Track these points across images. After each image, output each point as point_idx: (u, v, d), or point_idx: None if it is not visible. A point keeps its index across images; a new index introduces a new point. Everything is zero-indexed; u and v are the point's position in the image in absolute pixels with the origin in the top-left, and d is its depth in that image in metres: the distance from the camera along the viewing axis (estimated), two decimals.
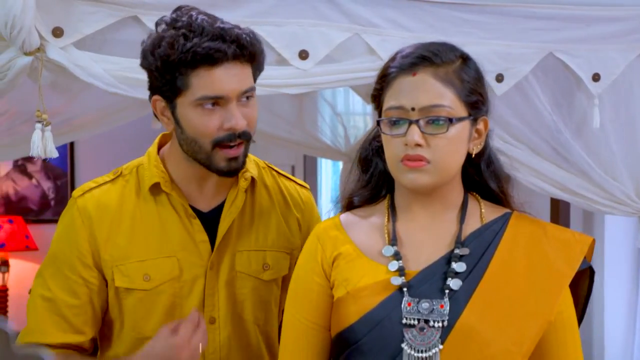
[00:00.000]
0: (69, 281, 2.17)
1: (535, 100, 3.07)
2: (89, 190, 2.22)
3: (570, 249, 1.94)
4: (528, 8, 2.96)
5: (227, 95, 2.06)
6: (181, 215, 2.18)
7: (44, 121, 2.51)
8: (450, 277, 1.87)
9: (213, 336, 2.18)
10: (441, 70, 1.89)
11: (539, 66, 3.01)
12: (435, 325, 1.83)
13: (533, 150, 3.13)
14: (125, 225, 2.17)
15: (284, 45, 2.73)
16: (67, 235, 2.20)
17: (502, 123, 3.06)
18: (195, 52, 2.02)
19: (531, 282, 1.88)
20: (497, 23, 2.94)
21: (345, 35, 2.79)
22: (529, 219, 2.00)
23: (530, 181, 3.17)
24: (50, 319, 2.17)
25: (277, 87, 2.75)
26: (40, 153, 2.49)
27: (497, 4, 2.92)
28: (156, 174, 2.19)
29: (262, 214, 2.28)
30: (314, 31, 2.76)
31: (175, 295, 2.16)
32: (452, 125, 1.87)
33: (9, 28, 2.38)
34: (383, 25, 2.83)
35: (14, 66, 2.47)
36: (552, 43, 3.00)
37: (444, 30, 2.88)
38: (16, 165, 6.06)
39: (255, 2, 2.69)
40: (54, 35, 2.49)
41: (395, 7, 2.84)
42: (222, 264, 2.20)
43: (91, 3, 2.52)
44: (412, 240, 1.96)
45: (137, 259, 2.16)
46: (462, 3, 2.90)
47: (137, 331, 2.17)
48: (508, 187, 2.03)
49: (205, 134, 2.08)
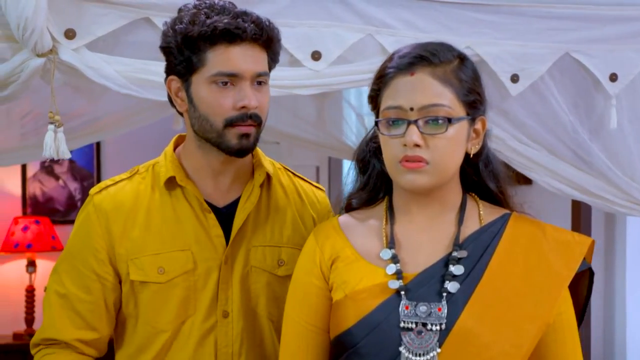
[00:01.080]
0: (83, 277, 2.20)
1: (551, 100, 3.04)
2: (106, 187, 2.26)
3: (570, 251, 1.92)
4: (544, 8, 2.94)
5: (242, 73, 2.09)
6: (196, 210, 2.20)
7: (57, 122, 2.52)
8: (448, 280, 1.86)
9: (226, 330, 2.19)
10: (439, 69, 1.87)
11: (555, 66, 2.99)
12: (433, 329, 1.82)
13: (550, 150, 3.11)
14: (141, 220, 2.20)
15: (297, 46, 2.73)
16: (82, 231, 2.23)
17: (518, 123, 3.05)
18: (215, 27, 2.06)
19: (530, 284, 1.87)
20: (512, 23, 2.92)
21: (358, 36, 2.78)
22: (528, 220, 1.98)
23: (547, 182, 3.15)
24: (64, 314, 2.20)
25: (289, 87, 2.75)
26: (53, 154, 2.51)
27: (512, 4, 2.90)
28: (172, 168, 2.21)
29: (277, 210, 2.29)
30: (327, 32, 2.76)
31: (189, 288, 2.18)
32: (451, 125, 1.86)
33: (21, 30, 2.40)
34: (396, 26, 2.82)
35: (26, 68, 2.50)
36: (568, 43, 2.98)
37: (458, 30, 2.87)
38: (43, 166, 6.10)
39: (267, 4, 2.69)
40: (66, 37, 2.51)
41: (409, 8, 2.83)
42: (237, 258, 2.21)
43: (103, 5, 2.53)
44: (410, 242, 1.95)
45: (151, 252, 2.18)
46: (477, 3, 2.88)
47: (151, 325, 2.19)
48: (507, 187, 2.02)
49: (218, 112, 2.11)
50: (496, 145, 3.01)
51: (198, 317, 2.18)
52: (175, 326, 2.18)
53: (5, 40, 2.51)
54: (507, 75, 2.92)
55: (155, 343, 2.19)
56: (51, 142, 2.51)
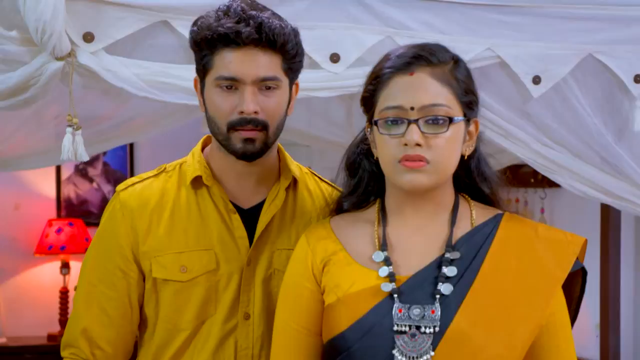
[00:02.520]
0: (108, 273, 2.22)
1: (574, 102, 3.01)
2: (132, 184, 2.27)
3: (562, 250, 1.91)
4: (566, 9, 2.90)
5: (242, 78, 2.10)
6: (221, 210, 2.21)
7: (75, 125, 2.54)
8: (441, 282, 1.86)
9: (247, 332, 2.20)
10: (438, 69, 1.89)
11: (578, 68, 2.96)
12: (427, 332, 1.82)
13: (574, 153, 3.07)
14: (165, 218, 2.21)
15: (315, 48, 2.72)
16: (108, 228, 2.25)
17: (540, 126, 3.02)
18: (215, 32, 2.08)
19: (522, 284, 1.86)
20: (534, 24, 2.90)
21: (378, 38, 2.77)
22: (520, 220, 1.97)
23: (572, 185, 3.11)
24: (91, 312, 2.22)
25: (308, 90, 2.74)
26: (71, 157, 2.53)
27: (534, 5, 2.88)
28: (199, 168, 2.23)
29: (303, 214, 2.29)
30: (346, 34, 2.74)
31: (211, 288, 2.19)
32: (452, 124, 1.86)
33: (39, 33, 2.42)
34: (416, 28, 2.80)
35: (46, 71, 2.51)
36: (591, 44, 2.94)
37: (479, 32, 2.85)
38: (77, 169, 6.16)
39: (285, 6, 2.68)
40: (85, 40, 2.52)
41: (429, 9, 2.82)
42: (260, 260, 2.21)
43: (121, 8, 2.54)
44: (402, 244, 1.94)
45: (175, 251, 2.19)
46: (498, 4, 2.86)
47: (172, 323, 2.20)
48: (498, 188, 2.02)
49: (221, 115, 2.13)
50: (519, 148, 3.02)
51: (219, 317, 2.19)
52: (195, 325, 2.19)
53: (25, 43, 2.53)
54: (529, 77, 2.90)
55: (175, 342, 2.20)
56: (69, 145, 2.52)
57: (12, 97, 2.64)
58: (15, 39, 2.54)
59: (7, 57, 2.58)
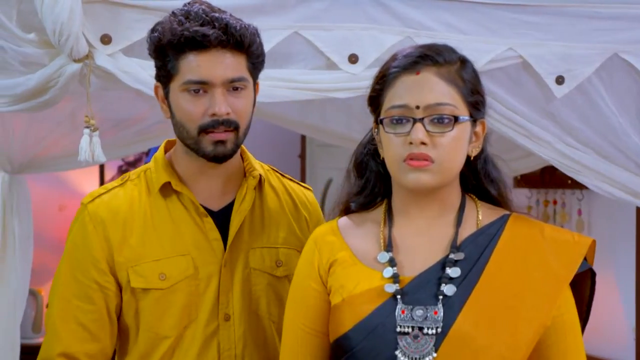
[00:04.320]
0: (84, 287, 2.20)
1: (600, 102, 2.97)
2: (99, 195, 2.26)
3: (569, 251, 1.89)
4: (590, 8, 2.87)
5: (212, 81, 2.10)
6: (193, 214, 2.22)
7: (92, 127, 2.56)
8: (445, 283, 1.86)
9: (228, 333, 2.21)
10: (444, 69, 1.88)
11: (603, 67, 2.92)
12: (429, 333, 1.82)
13: (599, 154, 3.03)
14: (138, 226, 2.21)
15: (333, 49, 2.72)
16: (79, 241, 2.23)
17: (565, 126, 2.98)
18: (181, 36, 2.08)
19: (527, 285, 1.85)
20: (557, 24, 2.86)
21: (397, 38, 2.75)
22: (527, 221, 1.96)
23: (598, 186, 3.07)
24: (68, 327, 2.20)
25: (326, 91, 2.74)
26: (88, 158, 2.55)
27: (557, 5, 2.85)
28: (165, 174, 2.22)
29: (271, 212, 2.30)
30: (364, 35, 2.74)
31: (191, 293, 2.19)
32: (457, 124, 1.86)
33: (57, 35, 2.45)
34: (436, 28, 2.79)
35: (64, 73, 2.55)
36: (616, 44, 2.90)
37: (500, 32, 2.82)
38: (120, 170, 6.22)
39: (303, 7, 2.69)
40: (102, 42, 2.55)
41: (449, 10, 2.80)
42: (237, 261, 2.23)
43: (138, 10, 2.56)
44: (407, 245, 1.94)
45: (151, 259, 2.19)
46: (519, 4, 2.83)
47: (153, 331, 2.20)
48: (506, 189, 2.00)
49: (191, 119, 2.12)
50: (543, 149, 2.98)
51: (200, 321, 2.19)
52: (178, 331, 2.19)
53: (43, 46, 2.57)
54: (552, 77, 2.87)
55: (159, 349, 2.20)
56: (86, 147, 2.55)
57: (32, 99, 2.68)
58: (33, 41, 2.58)
59: (26, 60, 2.62)
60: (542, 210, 4.72)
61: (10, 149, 3.68)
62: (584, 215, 4.50)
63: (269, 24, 2.66)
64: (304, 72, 2.73)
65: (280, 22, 2.68)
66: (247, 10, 2.65)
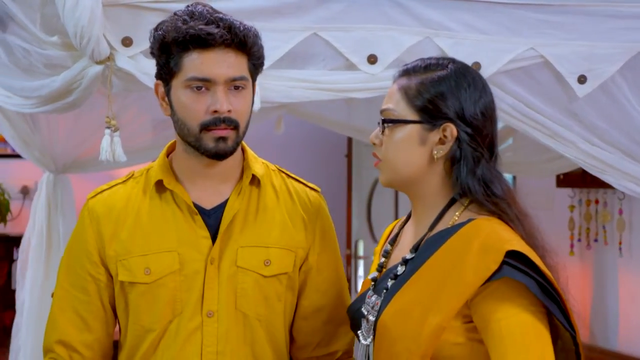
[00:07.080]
0: (80, 278, 2.29)
1: (623, 101, 2.96)
2: (101, 192, 2.34)
3: (486, 257, 1.88)
4: (612, 7, 2.87)
5: (215, 79, 2.14)
6: (184, 212, 2.26)
7: (113, 127, 2.62)
8: (390, 278, 2.02)
9: (211, 329, 2.24)
10: (404, 79, 2.07)
11: (626, 66, 2.91)
12: (370, 319, 2.01)
13: (624, 152, 3.02)
14: (130, 222, 2.27)
15: (353, 50, 2.75)
16: (77, 234, 2.33)
17: (589, 126, 2.97)
18: (187, 33, 2.12)
19: (442, 287, 1.91)
20: (579, 23, 2.87)
21: (416, 39, 2.78)
22: (481, 226, 1.94)
23: (623, 185, 3.06)
24: (66, 316, 2.30)
25: (345, 91, 2.78)
26: (109, 158, 2.62)
27: (578, 4, 2.85)
28: (160, 172, 2.27)
29: (266, 212, 2.32)
30: (383, 36, 2.76)
31: (176, 288, 2.23)
32: (395, 127, 2.02)
33: (78, 38, 2.51)
34: (456, 29, 2.81)
35: (86, 75, 2.61)
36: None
37: (521, 32, 2.84)
38: None
39: (321, 9, 2.73)
40: (124, 44, 2.61)
41: (469, 10, 2.82)
42: (224, 259, 2.25)
43: (158, 13, 2.60)
44: (402, 240, 2.11)
45: (138, 254, 2.25)
46: (540, 4, 2.84)
47: (140, 324, 2.25)
48: (480, 193, 1.98)
49: (193, 116, 2.16)
50: (566, 148, 2.98)
51: (184, 316, 2.23)
52: (162, 325, 2.24)
53: (66, 48, 2.64)
54: (574, 77, 2.87)
55: (144, 343, 2.25)
56: (107, 146, 2.61)
57: (57, 101, 2.75)
58: (56, 44, 2.65)
59: (50, 62, 2.69)
60: (585, 210, 4.68)
61: (55, 149, 3.78)
62: (625, 215, 4.46)
63: (288, 26, 2.70)
64: (323, 72, 2.77)
65: (300, 24, 2.72)
66: (267, 12, 2.69)
